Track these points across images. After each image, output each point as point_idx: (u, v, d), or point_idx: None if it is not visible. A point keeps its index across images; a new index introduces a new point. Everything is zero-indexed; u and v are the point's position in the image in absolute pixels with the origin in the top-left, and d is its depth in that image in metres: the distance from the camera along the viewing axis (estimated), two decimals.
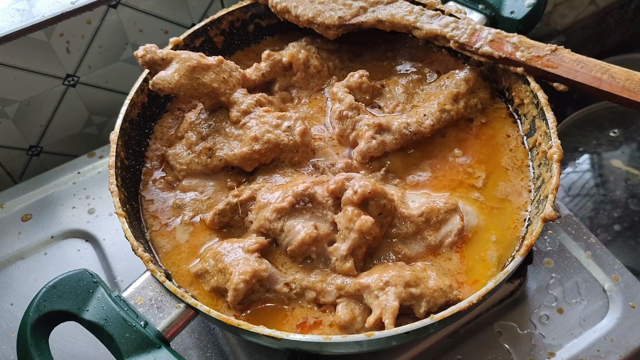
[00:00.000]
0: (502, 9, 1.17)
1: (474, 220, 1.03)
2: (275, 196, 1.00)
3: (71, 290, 0.90)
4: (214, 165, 1.10)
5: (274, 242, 1.01)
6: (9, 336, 1.16)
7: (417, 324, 0.83)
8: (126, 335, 0.86)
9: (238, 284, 0.91)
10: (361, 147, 1.08)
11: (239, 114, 1.10)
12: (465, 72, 1.18)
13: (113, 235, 1.28)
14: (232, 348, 1.11)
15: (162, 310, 0.91)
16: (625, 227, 1.76)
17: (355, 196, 0.94)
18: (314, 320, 0.94)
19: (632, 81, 1.00)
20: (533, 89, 1.08)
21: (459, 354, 1.10)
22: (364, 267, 0.97)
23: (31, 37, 1.29)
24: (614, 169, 1.89)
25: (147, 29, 1.45)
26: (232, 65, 1.15)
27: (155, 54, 1.08)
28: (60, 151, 1.53)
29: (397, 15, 1.18)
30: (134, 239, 0.95)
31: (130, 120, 1.14)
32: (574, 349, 1.09)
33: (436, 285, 0.90)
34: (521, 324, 1.13)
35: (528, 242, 0.91)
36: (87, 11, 1.33)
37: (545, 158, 1.02)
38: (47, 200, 1.36)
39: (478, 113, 1.18)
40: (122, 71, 1.48)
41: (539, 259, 1.21)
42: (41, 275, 1.24)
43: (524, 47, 1.09)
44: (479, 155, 1.12)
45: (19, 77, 1.33)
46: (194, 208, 1.08)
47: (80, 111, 1.49)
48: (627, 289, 1.16)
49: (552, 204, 0.93)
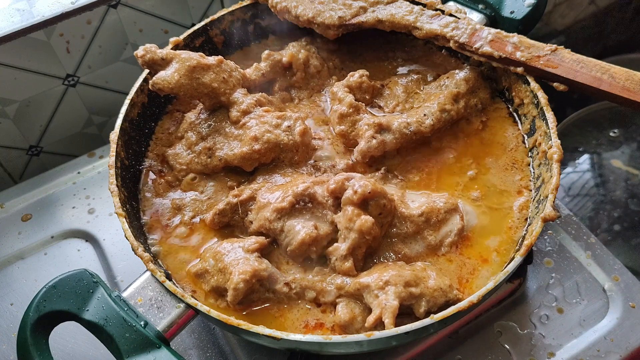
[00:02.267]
0: (502, 9, 1.17)
1: (474, 220, 1.03)
2: (275, 196, 1.00)
3: (71, 290, 0.90)
4: (213, 165, 1.10)
5: (274, 242, 1.01)
6: (9, 336, 1.16)
7: (417, 323, 0.83)
8: (126, 335, 0.86)
9: (238, 284, 0.91)
10: (361, 146, 1.08)
11: (239, 114, 1.10)
12: (465, 72, 1.18)
13: (113, 235, 1.28)
14: (232, 348, 1.11)
15: (162, 310, 0.91)
16: (625, 227, 1.76)
17: (355, 196, 0.94)
18: (315, 322, 0.94)
19: (632, 81, 1.00)
20: (533, 89, 1.08)
21: (459, 354, 1.10)
22: (363, 266, 0.97)
23: (31, 37, 1.29)
24: (614, 169, 1.89)
25: (147, 29, 1.45)
26: (232, 65, 1.15)
27: (155, 54, 1.08)
28: (60, 151, 1.53)
29: (397, 15, 1.18)
30: (134, 239, 0.95)
31: (130, 120, 1.14)
32: (574, 349, 1.09)
33: (436, 285, 0.90)
34: (521, 324, 1.13)
35: (528, 242, 0.91)
36: (87, 11, 1.33)
37: (545, 158, 1.02)
38: (47, 200, 1.36)
39: (478, 113, 1.18)
40: (122, 71, 1.48)
41: (539, 259, 1.21)
42: (41, 275, 1.24)
43: (524, 47, 1.09)
44: (479, 155, 1.12)
45: (19, 77, 1.33)
46: (194, 208, 1.08)
47: (80, 111, 1.49)
48: (627, 289, 1.16)
49: (552, 204, 0.93)
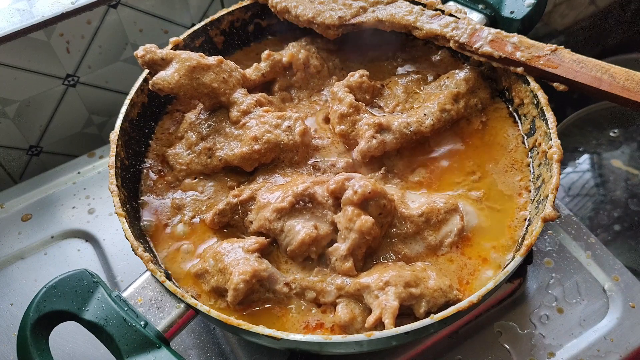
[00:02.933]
0: (502, 9, 1.17)
1: (474, 220, 1.03)
2: (275, 196, 1.00)
3: (71, 290, 0.90)
4: (213, 165, 1.10)
5: (274, 242, 1.01)
6: (9, 336, 1.15)
7: (417, 324, 0.83)
8: (126, 335, 0.86)
9: (238, 284, 0.91)
10: (361, 146, 1.08)
11: (239, 114, 1.10)
12: (465, 72, 1.18)
13: (113, 235, 1.28)
14: (232, 348, 1.11)
15: (162, 310, 0.91)
16: (625, 227, 1.76)
17: (355, 196, 0.94)
18: (315, 323, 0.94)
19: (632, 81, 1.00)
20: (533, 89, 1.08)
21: (459, 354, 1.10)
22: (364, 267, 0.97)
23: (31, 37, 1.29)
24: (614, 169, 1.89)
25: (147, 29, 1.45)
26: (232, 65, 1.15)
27: (155, 54, 1.08)
28: (60, 151, 1.53)
29: (397, 15, 1.18)
30: (134, 239, 0.95)
31: (130, 120, 1.14)
32: (574, 349, 1.09)
33: (436, 285, 0.90)
34: (521, 324, 1.13)
35: (528, 242, 0.91)
36: (87, 11, 1.33)
37: (545, 158, 1.02)
38: (47, 200, 1.36)
39: (478, 113, 1.18)
40: (122, 71, 1.48)
41: (539, 259, 1.21)
42: (41, 275, 1.24)
43: (524, 47, 1.09)
44: (479, 155, 1.12)
45: (19, 77, 1.33)
46: (194, 208, 1.08)
47: (80, 111, 1.49)
48: (627, 289, 1.16)
49: (552, 204, 0.93)
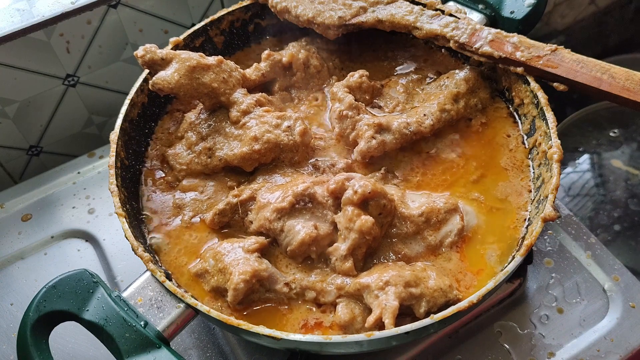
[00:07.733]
0: (502, 9, 1.17)
1: (474, 220, 1.03)
2: (275, 196, 1.00)
3: (71, 290, 0.90)
4: (213, 165, 1.10)
5: (274, 242, 1.01)
6: (9, 336, 1.15)
7: (417, 324, 0.83)
8: (126, 335, 0.86)
9: (238, 284, 0.91)
10: (361, 146, 1.08)
11: (239, 114, 1.10)
12: (465, 72, 1.18)
13: (113, 235, 1.28)
14: (232, 348, 1.11)
15: (162, 310, 0.91)
16: (625, 227, 1.76)
17: (356, 196, 0.94)
18: (315, 322, 0.94)
19: (632, 81, 1.00)
20: (533, 89, 1.08)
21: (459, 354, 1.10)
22: (364, 267, 0.97)
23: (31, 37, 1.29)
24: (614, 169, 1.89)
25: (147, 29, 1.45)
26: (232, 65, 1.15)
27: (155, 54, 1.08)
28: (60, 151, 1.53)
29: (397, 15, 1.18)
30: (134, 239, 0.95)
31: (130, 120, 1.14)
32: (574, 349, 1.09)
33: (436, 285, 0.90)
34: (521, 324, 1.13)
35: (528, 242, 0.91)
36: (87, 11, 1.33)
37: (545, 158, 1.02)
38: (47, 200, 1.36)
39: (478, 113, 1.17)
40: (122, 71, 1.48)
41: (539, 259, 1.21)
42: (41, 275, 1.24)
43: (524, 47, 1.09)
44: (479, 155, 1.12)
45: (19, 77, 1.33)
46: (194, 208, 1.08)
47: (80, 111, 1.49)
48: (627, 289, 1.16)
49: (552, 204, 0.93)
